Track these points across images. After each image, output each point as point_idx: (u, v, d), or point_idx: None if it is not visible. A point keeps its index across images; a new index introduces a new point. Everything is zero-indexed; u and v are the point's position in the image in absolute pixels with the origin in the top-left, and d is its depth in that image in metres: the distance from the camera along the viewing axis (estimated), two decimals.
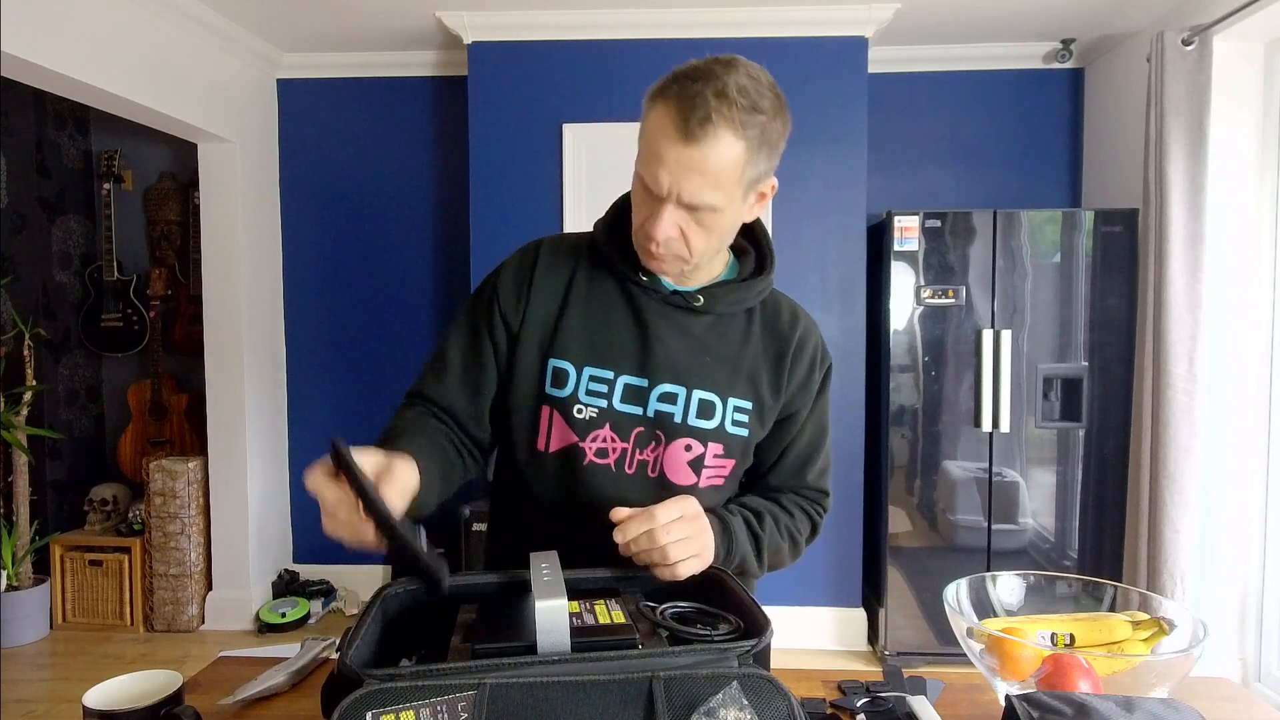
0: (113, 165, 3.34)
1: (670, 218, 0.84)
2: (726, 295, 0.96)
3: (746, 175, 0.84)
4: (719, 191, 0.83)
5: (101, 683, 0.76)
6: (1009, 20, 2.87)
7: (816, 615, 2.96)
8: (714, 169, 0.81)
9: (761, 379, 0.97)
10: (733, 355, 0.96)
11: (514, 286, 0.97)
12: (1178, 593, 2.38)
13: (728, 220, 0.88)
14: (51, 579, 3.11)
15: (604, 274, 0.97)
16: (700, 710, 0.56)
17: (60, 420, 3.32)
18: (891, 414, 2.76)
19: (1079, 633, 0.84)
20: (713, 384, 0.95)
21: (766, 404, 0.98)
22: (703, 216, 0.85)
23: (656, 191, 0.83)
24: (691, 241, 0.87)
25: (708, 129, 0.79)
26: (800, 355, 1.00)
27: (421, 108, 3.29)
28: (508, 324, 0.96)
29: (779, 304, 1.03)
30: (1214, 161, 2.41)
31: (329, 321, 3.38)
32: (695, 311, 0.96)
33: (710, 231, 0.87)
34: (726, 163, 0.81)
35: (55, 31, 2.19)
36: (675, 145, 0.80)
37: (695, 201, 0.82)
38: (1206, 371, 2.40)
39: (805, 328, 1.02)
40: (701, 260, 0.91)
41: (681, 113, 0.79)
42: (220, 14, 2.81)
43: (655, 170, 0.82)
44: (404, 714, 0.55)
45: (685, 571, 0.80)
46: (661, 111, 0.82)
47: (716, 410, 0.95)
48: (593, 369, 0.94)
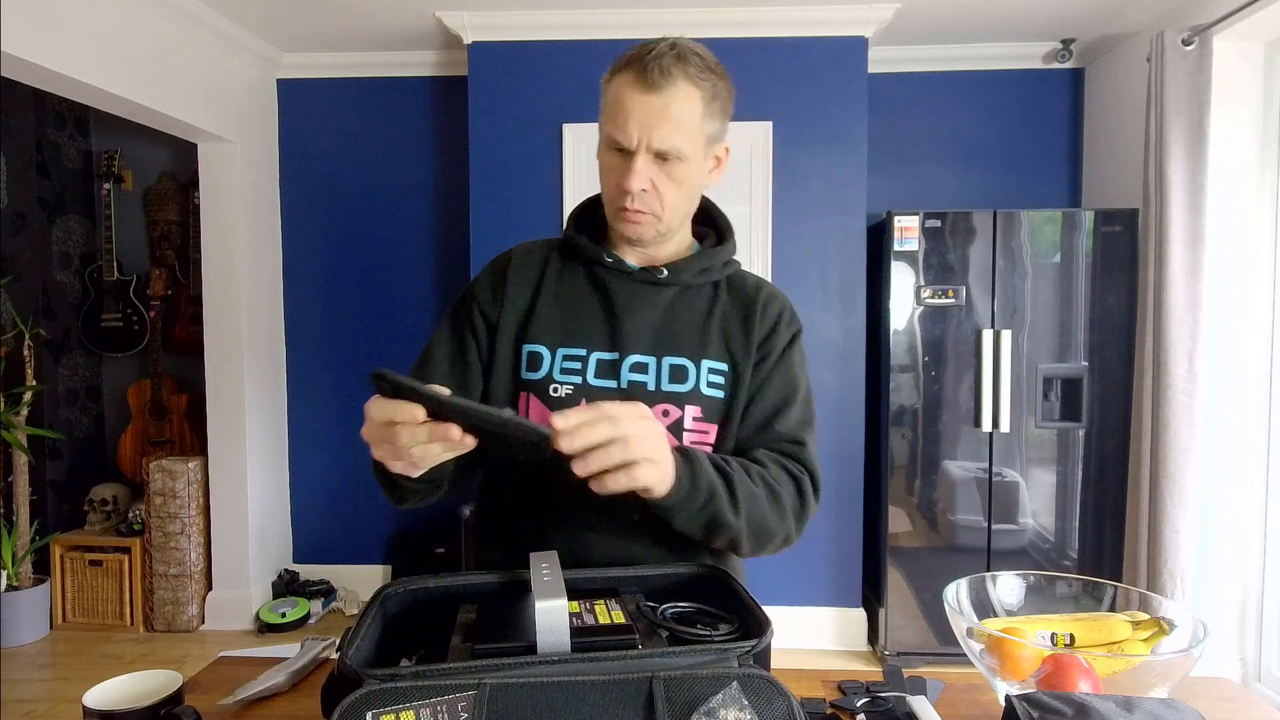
0: (113, 165, 3.34)
1: (643, 169, 0.90)
2: (690, 266, 1.00)
3: (705, 129, 0.92)
4: (685, 138, 0.89)
5: (101, 683, 0.76)
6: (1009, 20, 2.87)
7: (816, 615, 2.96)
8: (677, 115, 0.88)
9: (734, 337, 0.99)
10: (701, 321, 0.99)
11: (490, 287, 1.02)
12: (1178, 593, 2.38)
13: (693, 174, 0.94)
14: (51, 579, 3.11)
15: (573, 264, 1.02)
16: (700, 710, 0.56)
17: (60, 420, 3.32)
18: (891, 414, 2.76)
19: (1079, 633, 0.84)
20: (682, 349, 0.97)
21: (741, 361, 0.99)
22: (672, 168, 0.91)
23: (627, 144, 0.89)
24: (663, 194, 0.92)
25: (668, 78, 0.87)
26: (767, 310, 1.02)
27: (421, 108, 3.29)
28: (487, 320, 1.00)
29: (745, 277, 1.06)
30: (1214, 161, 2.41)
31: (329, 321, 3.38)
32: (661, 284, 0.99)
33: (679, 184, 0.93)
34: (688, 110, 0.89)
35: (55, 31, 2.19)
36: (640, 96, 0.88)
37: (665, 146, 0.88)
38: (1206, 371, 2.40)
39: (770, 292, 1.05)
40: (673, 220, 0.96)
41: (643, 69, 0.88)
42: (220, 14, 2.81)
43: (624, 124, 0.89)
44: (404, 714, 0.55)
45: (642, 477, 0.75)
46: (622, 77, 0.90)
47: (690, 373, 0.97)
48: (566, 349, 0.97)
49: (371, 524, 3.40)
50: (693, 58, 0.89)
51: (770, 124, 2.86)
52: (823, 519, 2.93)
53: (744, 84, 2.87)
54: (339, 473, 3.39)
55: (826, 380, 2.92)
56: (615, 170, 0.93)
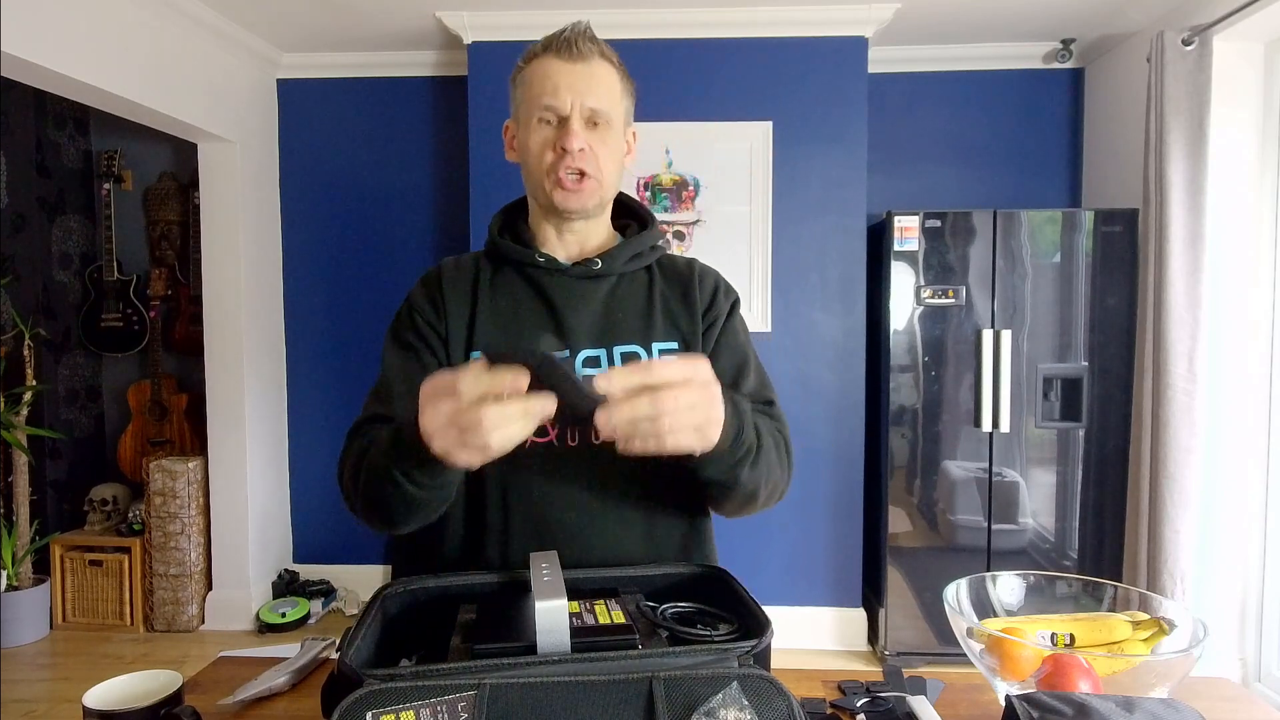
0: (113, 165, 3.34)
1: (579, 129, 0.92)
2: (621, 254, 1.00)
3: (623, 103, 0.97)
4: (611, 104, 0.94)
5: (101, 683, 0.75)
6: (1009, 20, 2.87)
7: (816, 615, 2.96)
8: (601, 81, 0.94)
9: (678, 314, 1.00)
10: (643, 306, 0.99)
11: (428, 300, 1.00)
12: (1178, 593, 2.38)
13: (618, 142, 0.97)
14: (51, 579, 3.11)
15: (505, 268, 1.01)
16: (700, 710, 0.56)
17: (60, 420, 3.32)
18: (891, 414, 2.76)
19: (1079, 633, 0.84)
20: (631, 335, 0.97)
21: (689, 335, 0.99)
22: (603, 133, 0.94)
23: (560, 109, 0.92)
24: (599, 156, 0.94)
25: (590, 51, 0.93)
26: (704, 283, 1.03)
27: (421, 108, 3.29)
28: (435, 331, 0.98)
29: (674, 259, 1.08)
30: (1214, 161, 2.41)
31: (329, 321, 3.38)
32: (597, 277, 0.99)
33: (610, 149, 0.96)
34: (610, 80, 0.95)
35: (55, 31, 2.19)
36: (566, 66, 0.92)
37: (597, 106, 0.92)
38: (1206, 371, 2.40)
39: (703, 268, 1.06)
40: (608, 188, 0.98)
41: (566, 43, 0.93)
42: (220, 14, 2.81)
43: (555, 92, 0.92)
44: (404, 714, 0.55)
45: (684, 443, 0.69)
46: (543, 58, 0.94)
47: (642, 358, 0.95)
48: None
49: None
50: (601, 41, 0.95)
51: (770, 124, 2.86)
52: (823, 519, 2.94)
53: (744, 84, 2.89)
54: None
55: (826, 380, 2.92)
56: (549, 139, 0.94)
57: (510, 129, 1.03)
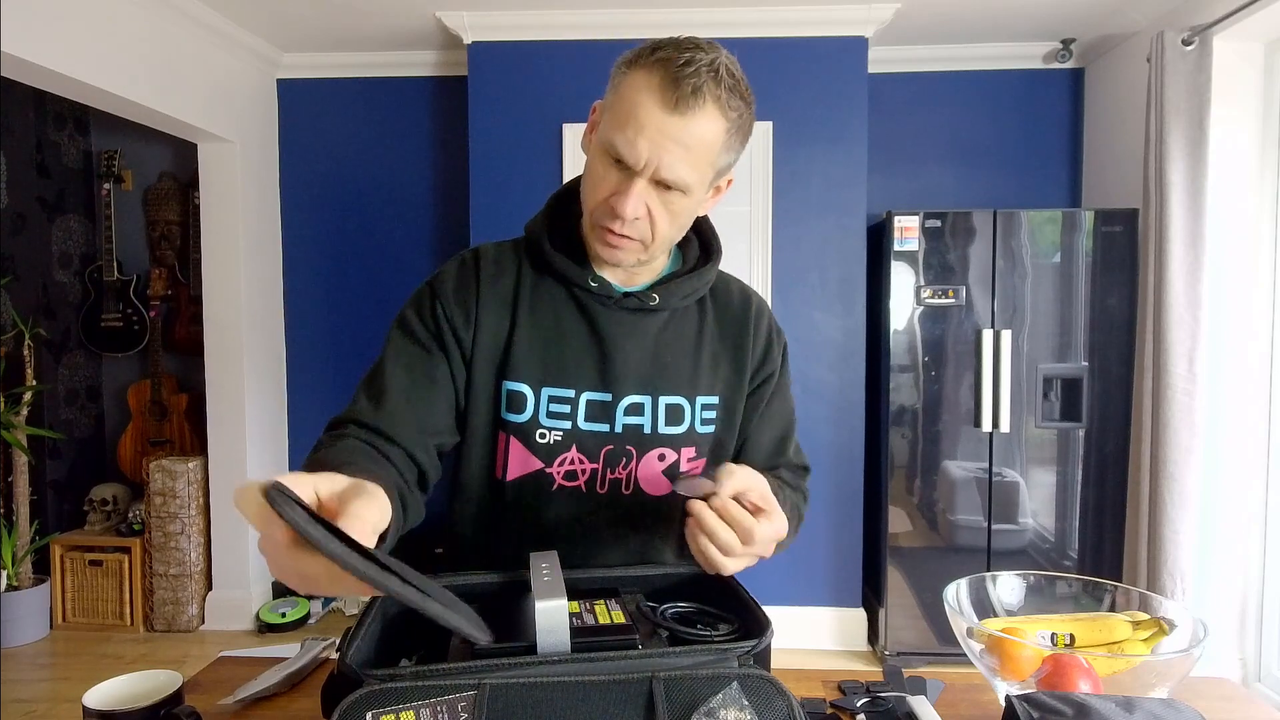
0: (113, 165, 3.34)
1: (640, 194, 0.78)
2: (679, 289, 0.90)
3: (719, 161, 0.81)
4: (695, 170, 0.78)
5: (101, 683, 0.75)
6: (1009, 20, 2.87)
7: (816, 615, 2.96)
8: (696, 144, 0.76)
9: (722, 365, 0.93)
10: (691, 350, 0.92)
11: (459, 308, 0.88)
12: (1178, 593, 2.38)
13: (691, 207, 0.83)
14: (51, 579, 3.11)
15: (549, 281, 0.90)
16: (700, 710, 0.56)
17: (60, 420, 3.32)
18: (891, 414, 2.76)
19: (1079, 633, 0.84)
20: (677, 386, 0.90)
21: (734, 391, 0.93)
22: (672, 199, 0.80)
23: (632, 163, 0.77)
24: (657, 225, 0.81)
25: (697, 102, 0.74)
26: (759, 328, 0.96)
27: (421, 108, 3.29)
28: (459, 339, 0.87)
29: (727, 286, 0.98)
30: (1214, 161, 2.40)
31: (329, 321, 3.38)
32: (649, 311, 0.89)
33: (675, 218, 0.82)
34: (708, 141, 0.77)
35: (55, 31, 2.19)
36: (659, 113, 0.75)
37: (671, 177, 0.77)
38: (1206, 371, 2.40)
39: (758, 306, 0.98)
40: (658, 252, 0.86)
41: (672, 80, 0.74)
42: (220, 14, 2.81)
43: (634, 138, 0.76)
44: (404, 714, 0.55)
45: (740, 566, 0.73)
46: (646, 78, 0.76)
47: (685, 413, 0.90)
48: (552, 389, 0.87)
49: None
50: (727, 81, 0.76)
51: (770, 124, 2.86)
52: (823, 519, 2.93)
53: None
54: None
55: (826, 380, 2.92)
56: (608, 185, 0.80)
57: (594, 116, 0.86)
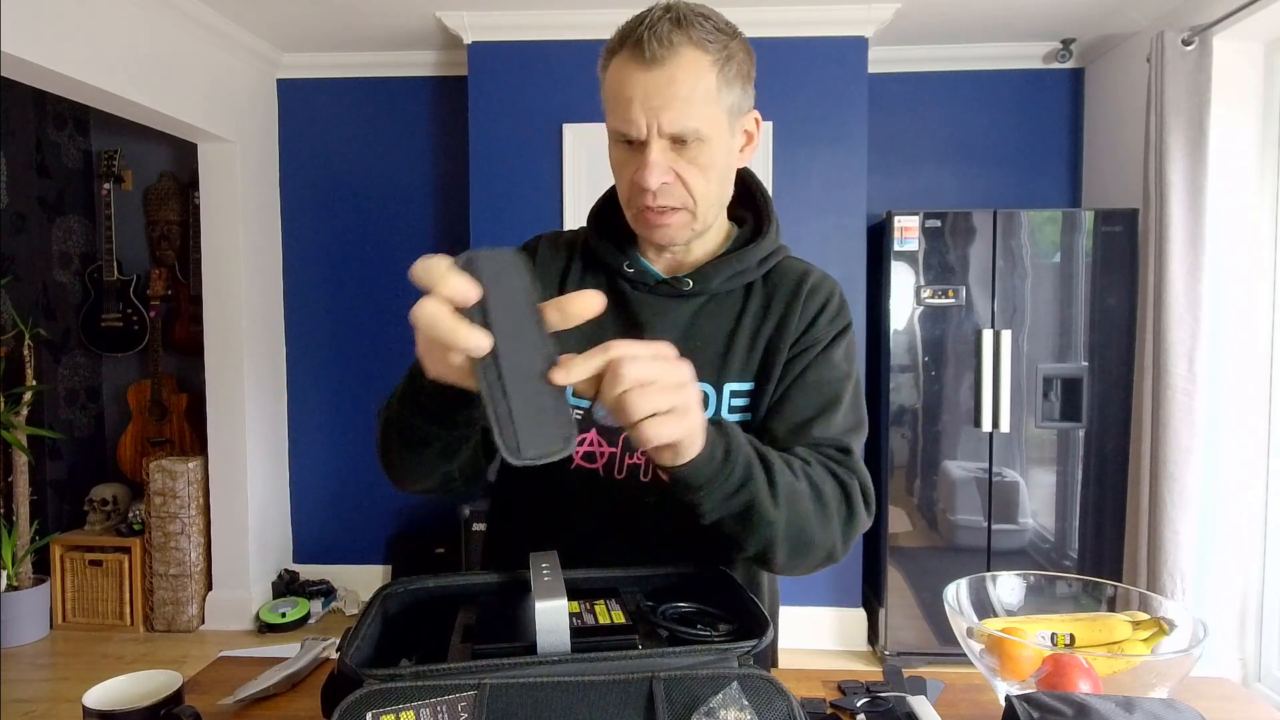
0: (113, 165, 3.34)
1: (659, 159, 0.77)
2: (718, 272, 0.87)
3: (724, 100, 0.79)
4: (698, 114, 0.76)
5: (101, 683, 0.75)
6: (1009, 20, 2.87)
7: (816, 615, 2.96)
8: (686, 88, 0.75)
9: (764, 346, 0.87)
10: (725, 335, 0.88)
11: None
12: (1178, 593, 2.38)
13: (720, 154, 0.80)
14: (51, 579, 3.11)
15: (595, 271, 0.92)
16: (700, 710, 0.56)
17: (60, 420, 3.32)
18: (891, 414, 2.76)
19: (1079, 633, 0.84)
20: (703, 373, 0.85)
21: (769, 373, 0.86)
22: (693, 152, 0.78)
23: (636, 134, 0.77)
24: (691, 184, 0.79)
25: (670, 48, 0.74)
26: (808, 304, 0.88)
27: (421, 108, 3.29)
28: None
29: (788, 268, 0.91)
30: (1214, 161, 2.40)
31: (329, 321, 3.38)
32: (684, 296, 0.88)
33: (706, 169, 0.79)
34: (698, 80, 0.76)
35: (55, 31, 2.19)
36: (640, 74, 0.75)
37: (678, 129, 0.76)
38: (1206, 371, 2.40)
39: (814, 283, 0.90)
40: (708, 213, 0.83)
41: (636, 42, 0.75)
42: (220, 14, 2.81)
43: (627, 111, 0.76)
44: (404, 714, 0.55)
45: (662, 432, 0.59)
46: (619, 57, 0.78)
47: (710, 401, 0.87)
48: None
49: (371, 524, 3.40)
50: (696, 19, 0.76)
51: (770, 124, 2.86)
52: None
53: None
54: (339, 473, 3.38)
55: None
56: (627, 166, 0.80)
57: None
